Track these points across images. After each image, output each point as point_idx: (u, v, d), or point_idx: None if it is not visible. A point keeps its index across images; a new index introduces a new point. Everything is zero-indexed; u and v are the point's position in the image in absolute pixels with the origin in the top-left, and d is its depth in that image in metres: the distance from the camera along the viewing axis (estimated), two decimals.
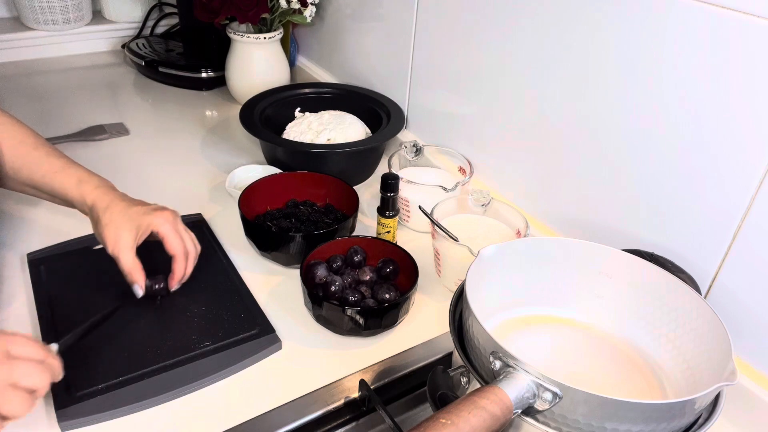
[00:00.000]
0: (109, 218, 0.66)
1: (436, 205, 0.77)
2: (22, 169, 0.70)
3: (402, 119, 0.99)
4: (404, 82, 1.01)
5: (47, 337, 0.64)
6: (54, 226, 0.81)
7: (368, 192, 0.96)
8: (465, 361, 0.52)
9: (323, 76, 1.24)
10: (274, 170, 0.91)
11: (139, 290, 0.67)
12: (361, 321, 0.65)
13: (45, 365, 0.49)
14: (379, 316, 0.66)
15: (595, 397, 0.43)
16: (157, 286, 0.69)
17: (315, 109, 1.03)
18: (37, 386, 0.48)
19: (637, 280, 0.60)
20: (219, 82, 1.25)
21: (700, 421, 0.48)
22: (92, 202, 0.68)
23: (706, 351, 0.53)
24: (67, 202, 0.71)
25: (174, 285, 0.70)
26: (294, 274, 0.73)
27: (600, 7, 0.66)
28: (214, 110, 1.20)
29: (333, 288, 0.69)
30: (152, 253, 0.68)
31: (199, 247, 0.71)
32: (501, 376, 0.46)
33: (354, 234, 0.81)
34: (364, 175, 0.99)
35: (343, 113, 1.00)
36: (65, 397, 0.58)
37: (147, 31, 1.42)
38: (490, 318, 0.60)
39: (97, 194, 0.68)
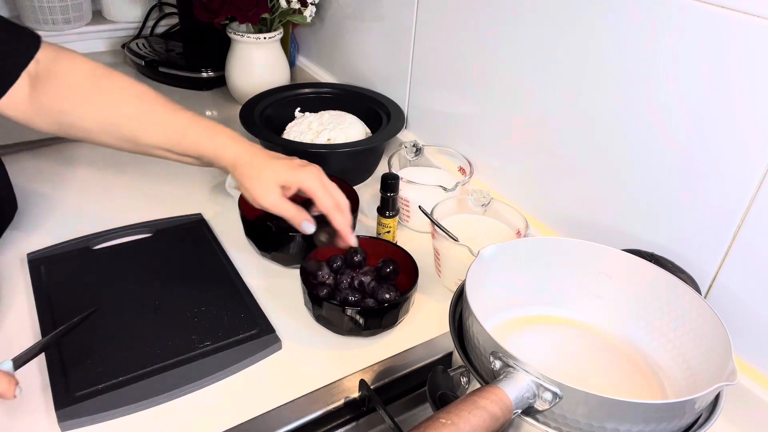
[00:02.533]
0: (256, 173, 0.65)
1: (436, 205, 0.77)
2: (147, 131, 0.68)
3: (402, 119, 0.99)
4: (404, 82, 1.01)
5: (47, 336, 0.64)
6: (54, 226, 0.81)
7: (368, 192, 0.96)
8: (465, 361, 0.52)
9: (323, 76, 1.24)
10: None
11: (309, 225, 0.66)
12: (361, 321, 0.65)
13: None
14: (379, 316, 0.66)
15: (595, 397, 0.43)
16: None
17: (315, 109, 1.03)
18: None
19: (637, 280, 0.60)
20: (219, 82, 1.25)
21: (700, 421, 0.48)
22: (233, 156, 0.66)
23: (706, 351, 0.53)
24: (199, 162, 0.69)
25: (350, 240, 0.67)
26: (294, 274, 0.73)
27: (600, 8, 0.66)
28: (214, 110, 1.20)
29: (333, 288, 0.69)
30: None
31: (347, 200, 0.69)
32: (501, 376, 0.46)
33: (354, 234, 0.81)
34: (364, 175, 0.99)
35: (343, 113, 1.00)
36: (65, 397, 0.58)
37: (147, 31, 1.42)
38: (490, 318, 0.60)
39: (235, 150, 0.66)
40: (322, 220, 0.68)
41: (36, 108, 0.66)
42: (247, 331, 0.67)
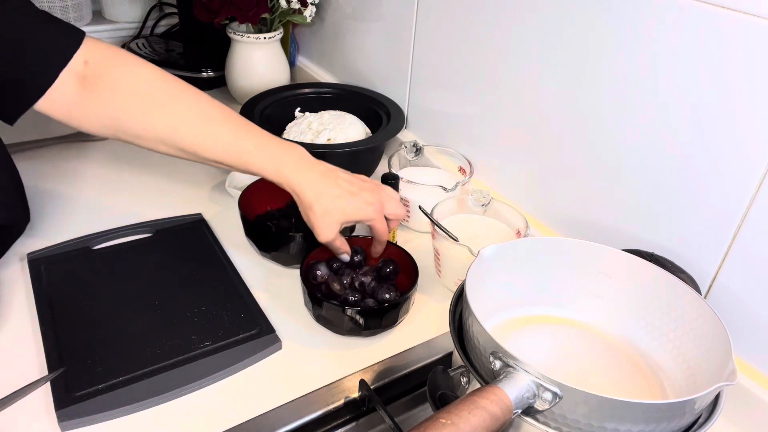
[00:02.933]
0: (321, 210, 0.65)
1: (436, 205, 0.77)
2: (208, 149, 0.65)
3: (402, 119, 0.99)
4: (404, 82, 1.01)
5: (47, 336, 0.64)
6: (54, 226, 0.81)
7: None
8: (465, 361, 0.52)
9: (323, 76, 1.24)
10: None
11: (346, 257, 0.71)
12: (361, 321, 0.65)
13: None
14: (379, 316, 0.66)
15: (595, 397, 0.43)
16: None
17: (315, 109, 1.03)
18: None
19: (637, 280, 0.60)
20: (219, 82, 1.25)
21: (700, 421, 0.48)
22: (297, 190, 0.66)
23: (706, 351, 0.53)
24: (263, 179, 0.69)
25: (375, 262, 0.73)
26: (294, 274, 0.73)
27: (600, 8, 0.66)
28: None
29: (333, 288, 0.69)
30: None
31: (404, 210, 0.73)
32: (501, 376, 0.46)
33: (354, 234, 0.81)
34: (364, 175, 0.99)
35: (343, 113, 1.00)
36: (65, 397, 0.58)
37: (147, 31, 1.42)
38: (490, 318, 0.60)
39: (299, 179, 0.65)
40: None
41: (85, 110, 0.64)
42: (247, 331, 0.67)
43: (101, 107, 0.64)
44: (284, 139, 0.95)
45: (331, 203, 0.65)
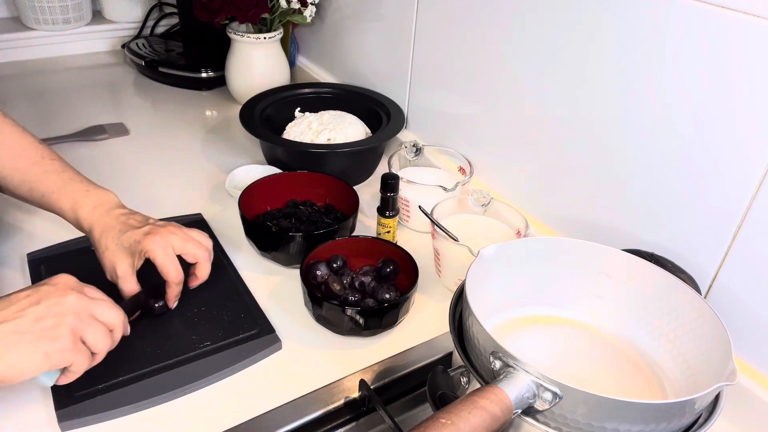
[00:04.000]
0: (105, 246, 0.66)
1: (436, 205, 0.77)
2: (21, 186, 0.69)
3: (402, 119, 0.99)
4: (404, 82, 1.01)
5: None
6: (54, 226, 0.81)
7: (368, 192, 0.96)
8: (465, 361, 0.52)
9: (323, 76, 1.24)
10: (274, 170, 0.91)
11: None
12: (361, 321, 0.65)
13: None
14: (379, 316, 0.66)
15: (595, 397, 0.43)
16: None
17: (315, 109, 1.03)
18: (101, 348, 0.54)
19: (637, 280, 0.60)
20: (219, 82, 1.25)
21: (700, 421, 0.48)
22: (88, 229, 0.67)
23: (706, 351, 0.53)
24: (67, 221, 0.70)
25: (172, 304, 0.68)
26: (294, 274, 0.73)
27: (600, 7, 0.66)
28: (214, 110, 1.20)
29: (333, 288, 0.69)
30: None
31: (209, 245, 0.69)
32: (501, 376, 0.46)
33: (354, 234, 0.81)
34: (364, 175, 0.99)
35: (343, 113, 1.00)
36: (65, 397, 0.58)
37: (147, 31, 1.42)
38: (490, 318, 0.60)
39: (92, 220, 0.67)
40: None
41: None
42: (247, 331, 0.67)
43: None
44: (284, 138, 0.95)
45: (114, 240, 0.66)
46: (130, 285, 0.65)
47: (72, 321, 0.52)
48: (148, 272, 0.66)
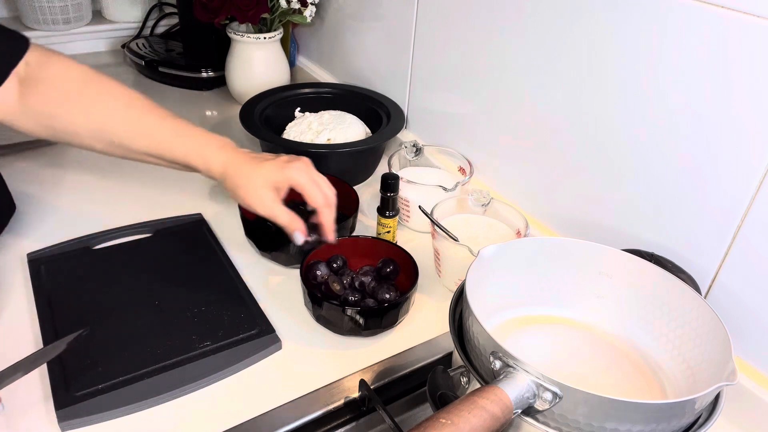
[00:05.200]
0: (245, 181, 0.65)
1: (436, 205, 0.77)
2: (136, 138, 0.68)
3: (402, 119, 0.99)
4: (404, 82, 1.01)
5: (47, 336, 0.64)
6: (54, 226, 0.81)
7: (368, 192, 0.96)
8: (465, 361, 0.52)
9: (323, 76, 1.24)
10: None
11: (300, 237, 0.67)
12: (361, 321, 0.65)
13: None
14: (379, 316, 0.66)
15: (595, 397, 0.43)
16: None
17: (315, 109, 1.03)
18: None
19: (637, 280, 0.60)
20: (219, 82, 1.25)
21: (700, 421, 0.48)
22: (221, 166, 0.67)
23: (706, 351, 0.53)
24: (189, 169, 0.69)
25: (331, 237, 0.68)
26: (294, 274, 0.73)
27: (600, 7, 0.66)
28: (214, 110, 1.20)
29: (333, 288, 0.69)
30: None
31: (334, 191, 0.69)
32: (501, 376, 0.46)
33: (354, 234, 0.81)
34: (364, 175, 0.99)
35: (343, 113, 1.00)
36: (65, 397, 0.58)
37: (147, 31, 1.42)
38: (490, 318, 0.60)
39: (224, 160, 0.67)
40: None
41: (24, 110, 0.66)
42: (247, 331, 0.67)
43: (37, 106, 0.66)
44: (284, 138, 0.96)
45: (252, 169, 0.66)
46: (284, 212, 0.66)
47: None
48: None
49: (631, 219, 0.69)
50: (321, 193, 0.67)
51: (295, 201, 0.84)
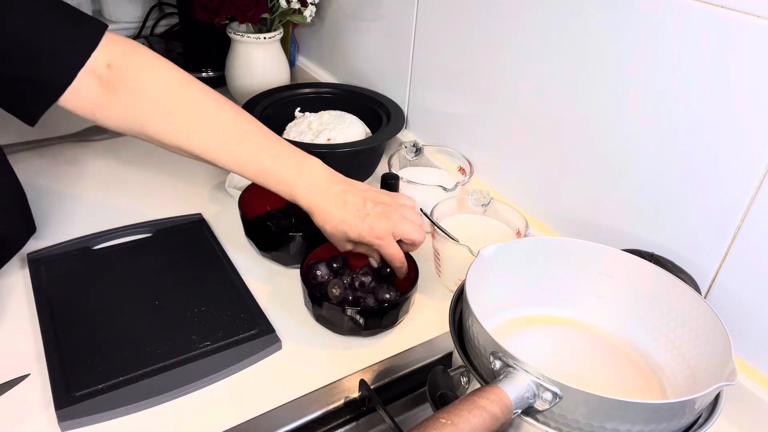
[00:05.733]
0: (330, 232, 0.67)
1: (436, 205, 0.77)
2: (224, 161, 0.67)
3: (402, 119, 0.99)
4: (404, 82, 1.01)
5: (47, 336, 0.64)
6: (54, 226, 0.81)
7: None
8: (465, 361, 0.52)
9: (323, 76, 1.24)
10: None
11: (375, 262, 0.72)
12: (361, 321, 0.65)
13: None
14: (379, 316, 0.66)
15: (595, 397, 0.43)
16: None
17: (315, 109, 1.03)
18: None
19: (637, 280, 0.60)
20: (219, 82, 1.25)
21: (700, 421, 0.48)
22: (308, 207, 0.67)
23: (706, 351, 0.53)
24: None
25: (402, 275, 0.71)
26: (294, 274, 0.73)
27: (600, 7, 0.66)
28: None
29: (333, 289, 0.69)
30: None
31: (423, 227, 0.70)
32: (501, 376, 0.46)
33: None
34: (364, 175, 0.99)
35: (343, 113, 1.00)
36: (65, 397, 0.58)
37: (147, 31, 1.42)
38: (490, 318, 0.60)
39: (309, 201, 0.67)
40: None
41: (110, 112, 0.65)
42: (247, 331, 0.67)
43: (124, 110, 0.65)
44: (284, 138, 0.95)
45: (335, 228, 0.67)
46: (370, 252, 0.70)
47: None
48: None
49: (631, 219, 0.69)
50: (399, 257, 0.69)
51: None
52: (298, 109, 1.05)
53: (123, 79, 0.64)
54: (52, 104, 0.63)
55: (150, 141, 0.67)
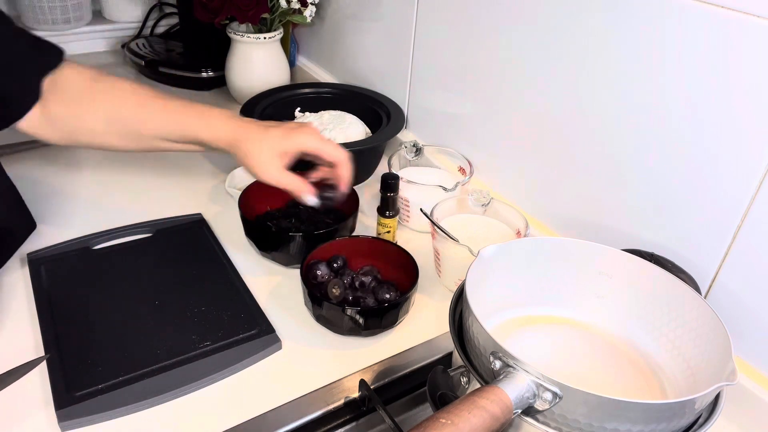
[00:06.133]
0: (253, 148, 0.66)
1: (436, 205, 0.77)
2: (147, 122, 0.69)
3: (402, 119, 0.99)
4: (404, 82, 1.01)
5: (47, 336, 0.64)
6: (54, 226, 0.81)
7: (368, 192, 0.96)
8: (465, 361, 0.52)
9: (323, 76, 1.24)
10: None
11: (312, 198, 0.68)
12: (361, 321, 0.65)
13: None
14: (379, 316, 0.66)
15: (595, 397, 0.43)
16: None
17: (315, 109, 1.03)
18: None
19: (637, 280, 0.60)
20: (219, 82, 1.25)
21: (700, 421, 0.48)
22: (230, 139, 0.68)
23: (706, 351, 0.53)
24: (199, 145, 0.71)
25: (345, 188, 0.70)
26: (294, 274, 0.73)
27: (600, 7, 0.66)
28: None
29: (333, 289, 0.69)
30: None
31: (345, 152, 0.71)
32: (501, 376, 0.46)
33: (354, 234, 0.81)
34: (364, 175, 0.99)
35: (343, 113, 1.00)
36: (65, 397, 0.58)
37: (147, 31, 1.42)
38: (490, 318, 0.60)
39: (231, 129, 0.68)
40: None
41: (48, 119, 0.68)
42: (247, 331, 0.67)
43: (57, 111, 0.68)
44: None
45: (260, 138, 0.67)
46: (288, 178, 0.67)
47: None
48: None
49: (631, 219, 0.69)
50: (337, 148, 0.68)
51: (295, 201, 0.84)
52: (298, 109, 1.05)
53: (54, 80, 0.68)
54: (16, 121, 0.67)
55: (83, 138, 0.71)
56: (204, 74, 1.24)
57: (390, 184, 0.78)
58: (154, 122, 0.70)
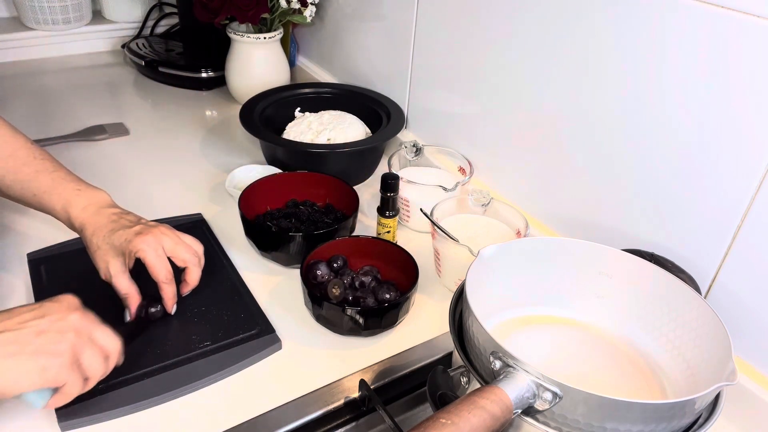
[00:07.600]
0: (96, 245, 0.65)
1: (436, 205, 0.77)
2: (13, 186, 0.69)
3: (402, 119, 0.99)
4: (404, 82, 1.01)
5: None
6: (54, 227, 0.81)
7: (368, 192, 0.96)
8: (465, 361, 0.52)
9: (323, 76, 1.24)
10: (274, 170, 0.91)
11: (128, 315, 0.66)
12: (361, 321, 0.65)
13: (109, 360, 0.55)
14: (379, 316, 0.66)
15: (595, 397, 0.43)
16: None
17: (315, 109, 1.03)
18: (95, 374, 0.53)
19: (637, 280, 0.60)
20: (219, 82, 1.25)
21: (700, 421, 0.48)
22: (80, 228, 0.67)
23: (706, 351, 0.53)
24: (59, 221, 0.70)
25: (170, 308, 0.67)
26: (294, 274, 0.73)
27: (600, 7, 0.66)
28: (214, 110, 1.20)
29: (333, 289, 0.69)
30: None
31: (199, 250, 0.69)
32: (501, 376, 0.46)
33: (354, 234, 0.81)
34: (364, 175, 0.99)
35: (343, 113, 1.00)
36: None
37: (147, 31, 1.42)
38: (490, 318, 0.60)
39: (83, 219, 0.67)
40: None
41: None
42: (247, 331, 0.67)
43: None
44: (284, 138, 0.95)
45: (104, 239, 0.65)
46: (123, 283, 0.65)
47: (73, 339, 0.51)
48: (145, 281, 0.65)
49: (631, 219, 0.69)
50: (162, 268, 0.65)
51: (295, 200, 0.85)
52: (298, 109, 1.05)
53: None
54: None
55: None
56: (204, 74, 1.24)
57: (390, 184, 0.78)
58: (18, 188, 0.68)
